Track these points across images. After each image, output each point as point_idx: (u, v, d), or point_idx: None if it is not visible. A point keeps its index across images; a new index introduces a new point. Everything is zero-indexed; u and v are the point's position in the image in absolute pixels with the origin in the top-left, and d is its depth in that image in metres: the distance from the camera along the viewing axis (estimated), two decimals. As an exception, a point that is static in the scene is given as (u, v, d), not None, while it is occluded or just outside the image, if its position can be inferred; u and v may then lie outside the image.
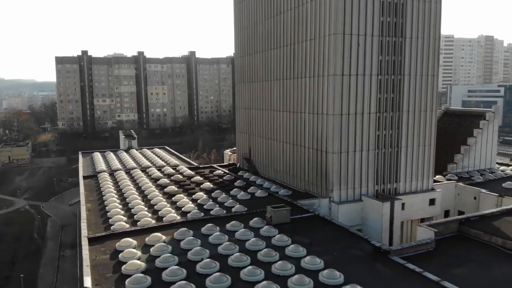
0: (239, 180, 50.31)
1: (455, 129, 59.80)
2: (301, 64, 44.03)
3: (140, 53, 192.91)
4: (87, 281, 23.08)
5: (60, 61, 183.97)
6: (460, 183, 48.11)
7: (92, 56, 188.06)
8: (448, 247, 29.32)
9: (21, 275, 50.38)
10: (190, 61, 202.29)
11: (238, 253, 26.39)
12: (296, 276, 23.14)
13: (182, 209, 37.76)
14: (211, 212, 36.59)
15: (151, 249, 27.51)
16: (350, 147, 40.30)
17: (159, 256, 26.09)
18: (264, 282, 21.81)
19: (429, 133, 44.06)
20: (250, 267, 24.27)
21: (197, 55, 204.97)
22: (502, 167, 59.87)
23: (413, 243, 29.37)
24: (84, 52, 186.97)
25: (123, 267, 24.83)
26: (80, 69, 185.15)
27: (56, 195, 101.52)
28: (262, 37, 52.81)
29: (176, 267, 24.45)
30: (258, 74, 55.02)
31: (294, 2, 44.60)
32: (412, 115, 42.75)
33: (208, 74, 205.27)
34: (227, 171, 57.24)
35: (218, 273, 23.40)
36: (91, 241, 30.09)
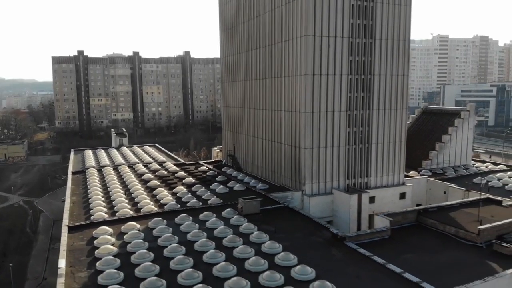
0: (220, 176, 52.39)
1: (432, 127, 61.99)
2: (277, 64, 46.13)
3: (136, 53, 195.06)
4: (62, 262, 25.20)
5: (56, 61, 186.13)
6: (432, 178, 50.24)
7: (88, 56, 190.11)
8: (404, 235, 31.42)
9: (10, 264, 52.53)
10: (185, 61, 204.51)
11: (204, 239, 28.50)
12: (253, 258, 25.24)
13: (161, 201, 39.87)
14: (188, 204, 38.70)
15: (125, 236, 29.61)
16: (321, 143, 42.40)
17: (131, 242, 28.18)
18: (235, 278, 22.57)
19: (400, 130, 46.11)
20: (212, 251, 26.40)
21: (192, 55, 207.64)
22: (478, 164, 62.10)
23: (369, 231, 31.54)
24: (80, 52, 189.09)
25: (96, 251, 26.95)
26: (76, 69, 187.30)
27: (50, 192, 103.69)
28: (244, 38, 54.91)
29: (145, 251, 26.54)
30: (240, 73, 57.11)
31: (270, 4, 46.70)
32: (383, 113, 44.82)
33: (203, 73, 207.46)
34: (212, 168, 59.34)
35: (182, 256, 25.51)
36: (71, 229, 32.18)
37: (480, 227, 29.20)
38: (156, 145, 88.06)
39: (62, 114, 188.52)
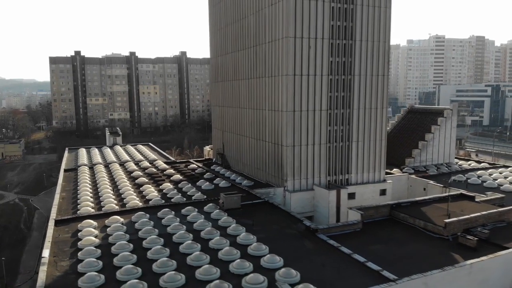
0: (208, 173, 53.80)
1: (416, 126, 63.46)
2: (262, 65, 47.57)
3: (132, 53, 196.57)
4: (45, 252, 26.64)
5: (53, 61, 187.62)
6: (413, 176, 51.71)
7: (85, 56, 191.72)
8: (375, 228, 32.85)
9: (3, 258, 54.04)
10: (181, 61, 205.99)
11: (183, 232, 29.94)
12: (226, 248, 26.69)
13: (146, 197, 41.32)
14: (172, 200, 40.13)
15: (108, 229, 31.03)
16: (303, 141, 43.83)
17: (112, 234, 29.61)
18: (206, 266, 23.78)
19: (380, 129, 47.51)
20: (189, 242, 27.85)
21: (188, 55, 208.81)
22: (461, 162, 63.59)
23: (340, 224, 33.01)
24: (77, 53, 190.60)
25: (79, 242, 28.38)
26: (73, 69, 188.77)
27: (45, 190, 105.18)
28: (231, 40, 56.35)
29: (125, 242, 28.00)
30: (228, 73, 58.56)
31: (254, 7, 48.15)
32: (363, 112, 46.23)
33: (199, 73, 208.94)
34: (201, 165, 60.76)
35: (159, 247, 26.95)
36: (58, 222, 33.60)
37: (446, 220, 30.63)
38: (150, 144, 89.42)
39: (60, 114, 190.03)
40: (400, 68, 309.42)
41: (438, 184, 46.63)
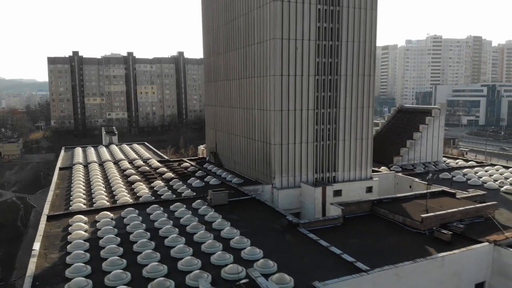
0: (200, 171, 54.95)
1: (405, 125, 64.64)
2: (251, 65, 48.73)
3: (130, 54, 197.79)
4: (36, 245, 27.81)
5: (52, 61, 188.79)
6: (400, 173, 52.88)
7: (83, 56, 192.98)
8: (356, 223, 33.99)
9: (-1, 254, 55.42)
10: (178, 61, 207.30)
11: (169, 226, 31.11)
12: (209, 241, 27.86)
13: (137, 194, 42.47)
14: (162, 197, 41.29)
15: (97, 224, 32.19)
16: (290, 140, 45.00)
17: (101, 229, 30.77)
18: (188, 258, 25.04)
19: (366, 128, 48.66)
20: (174, 235, 29.02)
21: (186, 56, 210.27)
22: (448, 160, 64.77)
23: (321, 218, 34.17)
24: (75, 53, 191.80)
25: (69, 236, 29.54)
26: (71, 69, 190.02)
27: (43, 188, 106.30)
28: (223, 40, 57.51)
29: (113, 236, 29.16)
30: (220, 74, 59.72)
31: (244, 9, 49.31)
32: (349, 111, 47.39)
33: (197, 73, 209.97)
34: (194, 164, 61.92)
35: (145, 240, 28.12)
36: (50, 218, 34.75)
37: (423, 215, 31.79)
38: (145, 143, 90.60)
39: (58, 114, 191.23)
40: (398, 68, 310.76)
41: (423, 182, 47.70)
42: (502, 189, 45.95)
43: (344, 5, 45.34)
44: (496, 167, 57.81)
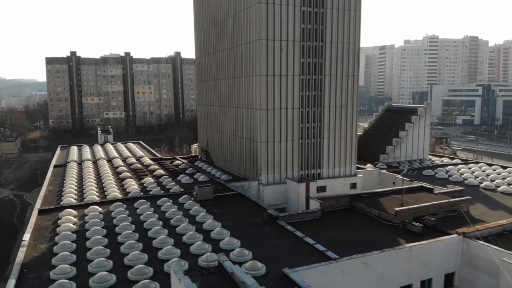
0: (190, 168, 56.41)
1: (392, 124, 66.11)
2: (239, 65, 50.18)
3: (127, 54, 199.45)
4: (26, 236, 29.31)
5: (50, 61, 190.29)
6: (384, 171, 54.34)
7: (81, 56, 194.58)
8: (334, 217, 35.43)
9: (-6, 249, 56.86)
10: (175, 61, 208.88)
11: (154, 219, 32.55)
12: (191, 232, 29.31)
13: (127, 190, 43.90)
14: (150, 192, 42.72)
15: (86, 217, 33.64)
16: (276, 137, 46.43)
17: (89, 221, 32.21)
18: (168, 247, 26.52)
19: (351, 126, 50.06)
20: (158, 227, 30.46)
21: (183, 56, 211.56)
22: (434, 158, 66.23)
23: (300, 212, 35.63)
24: (73, 53, 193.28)
25: (57, 228, 30.99)
26: (69, 69, 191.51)
27: (39, 186, 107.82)
28: (213, 41, 58.95)
29: (99, 228, 30.60)
30: (211, 73, 61.18)
31: (232, 10, 50.74)
32: (334, 110, 48.81)
33: (194, 73, 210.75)
34: (185, 162, 63.35)
35: (129, 231, 29.55)
36: (41, 212, 36.25)
37: (397, 209, 33.26)
38: (140, 142, 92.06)
39: (56, 113, 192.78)
40: (395, 68, 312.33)
41: (405, 178, 49.09)
42: (481, 185, 47.38)
43: (328, 7, 46.73)
44: (479, 164, 59.28)
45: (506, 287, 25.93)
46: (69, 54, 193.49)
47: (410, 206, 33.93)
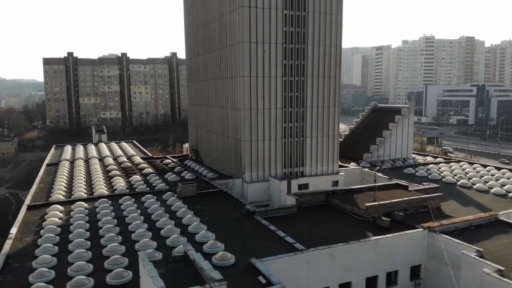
0: (179, 167, 57.98)
1: (377, 123, 67.68)
2: (224, 66, 51.79)
3: (123, 54, 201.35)
4: (13, 230, 30.96)
5: (47, 62, 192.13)
6: (366, 169, 55.93)
7: (78, 57, 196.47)
8: (309, 212, 36.99)
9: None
10: (172, 62, 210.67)
11: (135, 214, 34.13)
12: (168, 226, 30.90)
13: (114, 187, 45.49)
14: (136, 189, 44.29)
15: (71, 212, 35.22)
16: (259, 137, 48.03)
17: (73, 216, 33.80)
18: (145, 239, 28.06)
19: (333, 126, 51.67)
20: (138, 221, 32.04)
21: (179, 56, 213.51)
22: (418, 157, 67.81)
23: (276, 207, 37.23)
24: (70, 54, 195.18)
25: (44, 222, 32.58)
26: (66, 70, 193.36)
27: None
28: (202, 42, 60.56)
29: (83, 222, 32.17)
30: (200, 74, 62.80)
31: (218, 13, 52.35)
32: (316, 110, 50.41)
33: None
34: (175, 161, 64.92)
35: (110, 225, 31.15)
36: (30, 207, 37.84)
37: (367, 204, 34.85)
38: (134, 141, 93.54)
39: (53, 113, 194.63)
40: (391, 68, 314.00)
41: (385, 176, 50.84)
42: (458, 183, 48.96)
43: (309, 10, 48.31)
44: (461, 163, 60.82)
45: (466, 279, 27.41)
46: (66, 55, 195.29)
47: (381, 202, 35.52)
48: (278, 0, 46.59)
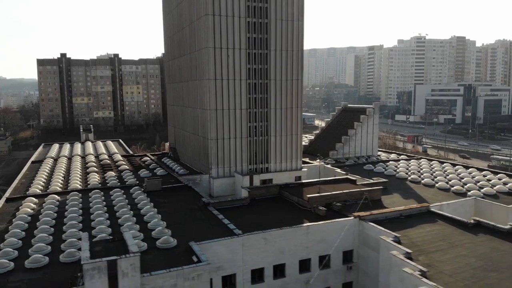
0: (154, 164, 61.68)
1: (346, 123, 71.41)
2: (194, 69, 55.48)
3: (116, 55, 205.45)
4: (-13, 219, 34.64)
5: (41, 63, 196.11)
6: (328, 165, 59.68)
7: (71, 58, 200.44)
8: (261, 204, 40.65)
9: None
10: (163, 62, 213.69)
11: (100, 205, 37.88)
12: (125, 216, 34.63)
13: (88, 182, 49.21)
14: (108, 184, 48.02)
15: (43, 204, 38.96)
16: (225, 135, 51.70)
17: (44, 207, 37.56)
18: (103, 234, 32.49)
19: (296, 125, 55.28)
20: (100, 211, 35.82)
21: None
22: (383, 155, 71.60)
23: (229, 199, 40.99)
24: (63, 55, 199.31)
25: (16, 212, 36.34)
26: (59, 70, 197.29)
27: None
28: (177, 46, 64.24)
29: (51, 212, 35.94)
30: (176, 76, 66.51)
31: (189, 19, 56.02)
32: (279, 111, 54.01)
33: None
34: (154, 158, 68.62)
35: (75, 215, 34.91)
36: (9, 200, 41.57)
37: (309, 195, 38.59)
38: (119, 140, 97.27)
39: (47, 113, 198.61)
40: (383, 68, 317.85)
41: (342, 172, 54.61)
42: (409, 178, 52.73)
43: (272, 18, 51.91)
44: (421, 160, 64.61)
45: (382, 261, 31.02)
46: (59, 56, 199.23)
47: (321, 194, 39.26)
48: (241, 8, 50.23)
